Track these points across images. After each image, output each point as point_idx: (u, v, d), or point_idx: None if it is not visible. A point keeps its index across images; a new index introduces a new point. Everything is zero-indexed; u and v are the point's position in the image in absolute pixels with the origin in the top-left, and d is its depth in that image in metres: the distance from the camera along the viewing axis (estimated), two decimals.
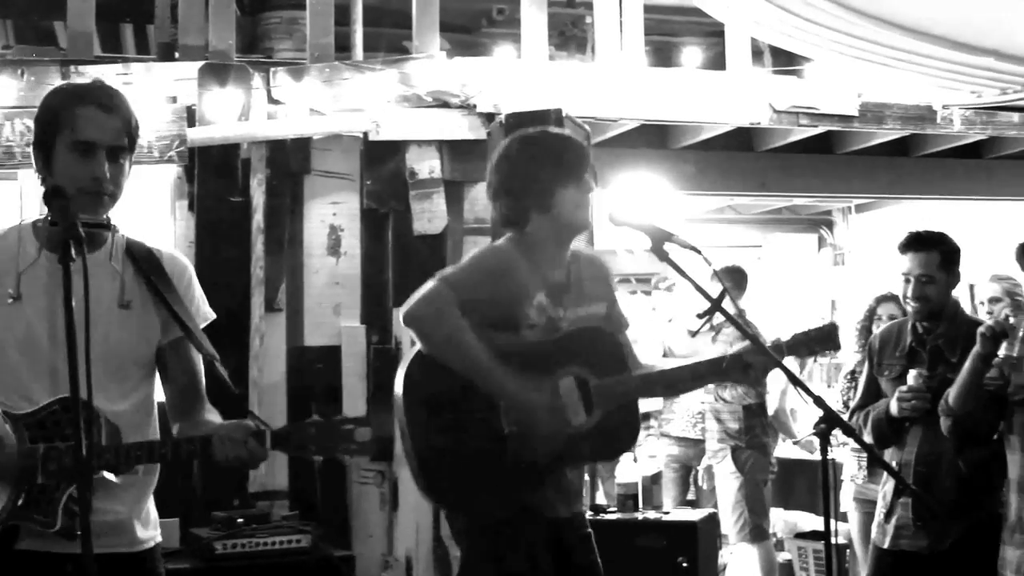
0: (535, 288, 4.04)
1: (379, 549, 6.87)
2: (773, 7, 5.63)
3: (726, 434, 7.97)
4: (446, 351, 3.92)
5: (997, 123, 8.19)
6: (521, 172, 4.11)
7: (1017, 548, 4.75)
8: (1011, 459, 4.79)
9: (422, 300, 3.94)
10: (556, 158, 4.09)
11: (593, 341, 4.10)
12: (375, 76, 6.84)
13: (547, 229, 4.10)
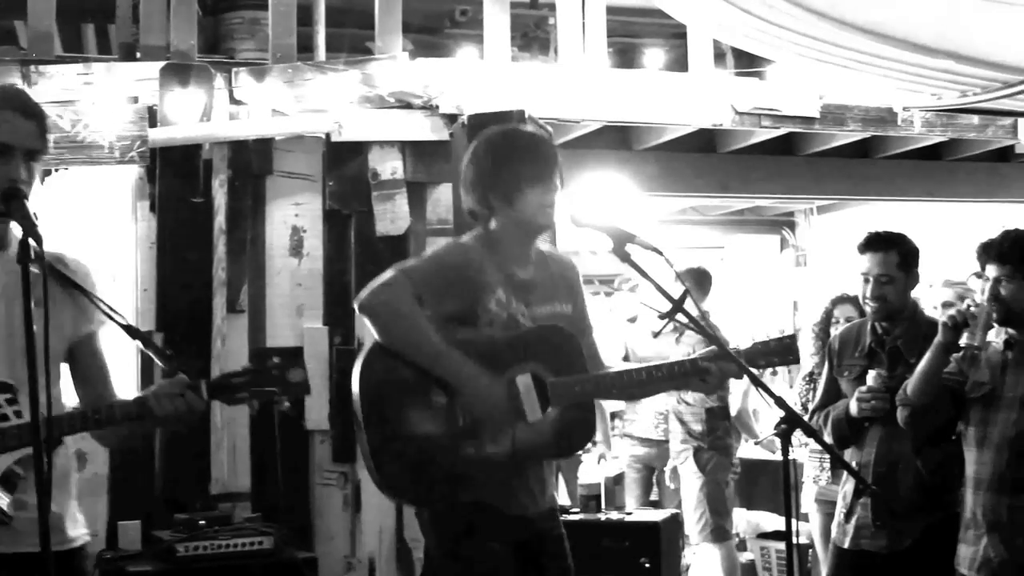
0: (496, 283, 4.03)
1: (342, 551, 6.86)
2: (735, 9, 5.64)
3: (689, 435, 7.99)
4: (400, 338, 3.90)
5: (957, 125, 8.25)
6: (491, 166, 4.10)
7: (971, 545, 4.78)
8: (967, 456, 4.83)
9: (378, 288, 3.93)
10: (526, 155, 4.08)
11: (553, 340, 4.08)
12: (338, 77, 6.83)
13: (512, 226, 4.09)
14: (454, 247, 4.20)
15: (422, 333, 3.89)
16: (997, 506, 4.65)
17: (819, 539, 7.20)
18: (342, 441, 6.78)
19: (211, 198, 6.66)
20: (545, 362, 4.01)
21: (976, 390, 4.80)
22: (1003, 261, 4.69)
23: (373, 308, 3.92)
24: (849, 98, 7.90)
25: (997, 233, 4.81)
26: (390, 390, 3.92)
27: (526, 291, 4.11)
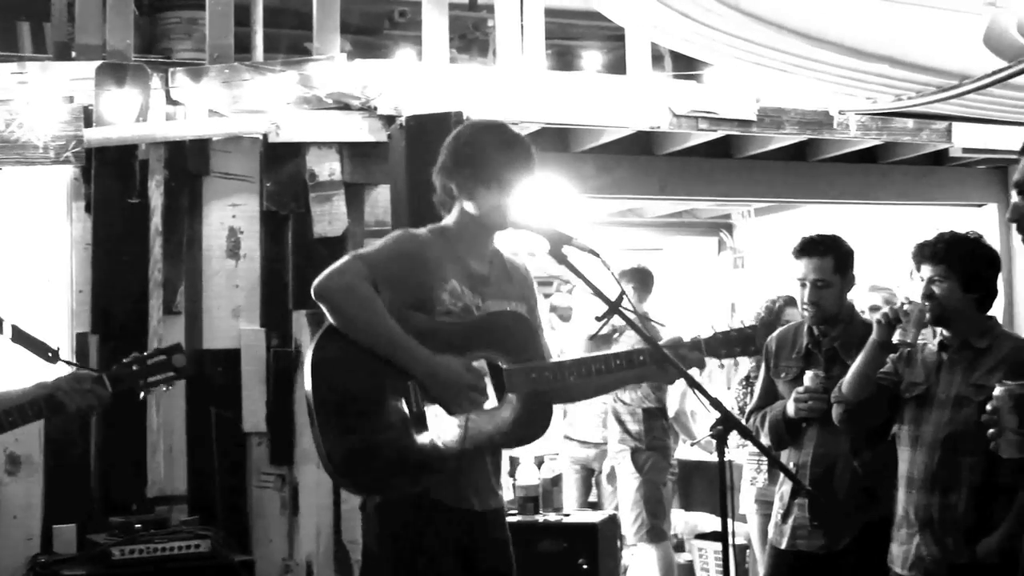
0: (451, 274, 4.02)
1: (279, 553, 6.83)
2: (673, 12, 5.66)
3: (627, 435, 8.01)
4: (357, 322, 3.88)
5: (892, 129, 8.33)
6: (462, 155, 4.11)
7: (903, 543, 4.82)
8: (900, 456, 4.87)
9: (333, 272, 3.91)
10: (499, 152, 4.08)
11: (509, 326, 4.08)
12: (275, 77, 6.81)
13: (468, 220, 4.09)
14: (409, 236, 4.15)
15: (379, 317, 3.87)
16: (928, 505, 4.70)
17: (757, 540, 7.25)
18: (279, 443, 6.75)
19: (147, 199, 6.62)
20: (501, 349, 4.01)
21: (911, 390, 4.85)
22: (937, 261, 4.74)
23: (329, 292, 3.90)
24: (786, 101, 7.95)
25: (932, 234, 4.87)
26: (343, 378, 3.90)
27: (481, 284, 4.11)
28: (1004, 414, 3.34)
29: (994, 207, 9.72)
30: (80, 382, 3.32)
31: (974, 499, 4.61)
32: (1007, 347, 4.70)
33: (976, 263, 4.79)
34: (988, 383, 4.49)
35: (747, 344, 4.26)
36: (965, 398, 4.65)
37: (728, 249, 12.95)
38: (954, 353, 4.78)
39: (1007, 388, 3.36)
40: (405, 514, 3.95)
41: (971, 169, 9.60)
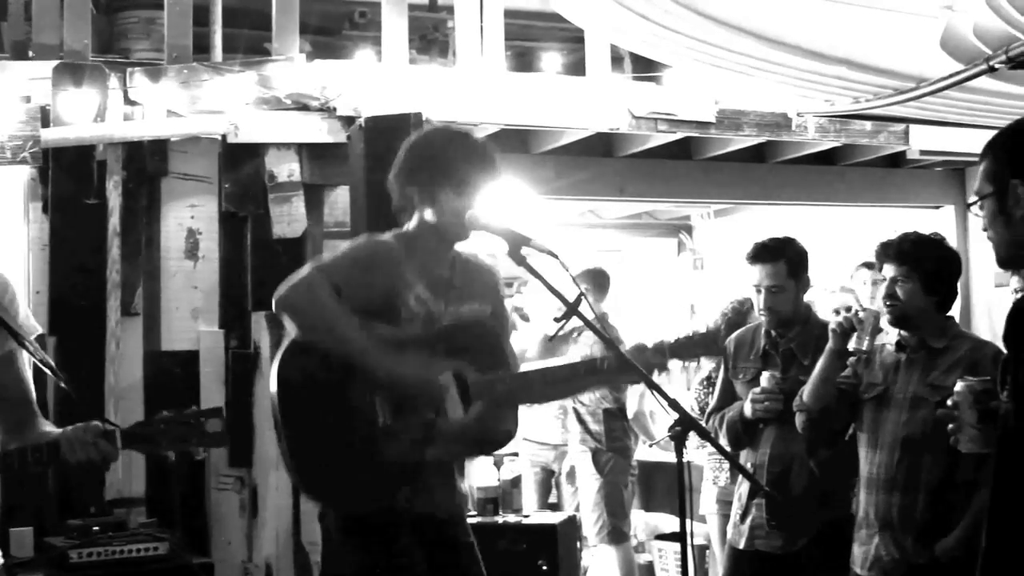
0: (414, 279, 4.01)
1: (239, 556, 6.81)
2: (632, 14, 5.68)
3: (588, 436, 8.01)
4: (322, 330, 3.85)
5: (850, 131, 8.36)
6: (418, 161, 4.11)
7: (863, 544, 4.84)
8: (861, 456, 4.89)
9: (294, 284, 3.88)
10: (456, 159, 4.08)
11: (475, 336, 4.08)
12: (234, 78, 6.78)
13: (427, 227, 4.08)
14: (371, 243, 4.13)
15: (343, 325, 3.84)
16: (888, 506, 4.72)
17: (716, 540, 7.27)
18: (238, 445, 6.73)
19: (105, 199, 6.59)
20: (467, 358, 4.00)
21: (869, 391, 4.87)
22: (901, 261, 4.77)
23: (290, 303, 3.87)
24: (744, 103, 7.97)
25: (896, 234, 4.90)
26: (309, 390, 3.88)
27: (445, 289, 4.10)
28: (964, 409, 3.36)
29: (951, 209, 9.78)
30: (86, 434, 3.24)
31: (932, 499, 4.63)
32: (964, 347, 4.72)
33: (939, 265, 4.81)
34: (945, 383, 4.52)
35: (710, 346, 4.28)
36: (922, 398, 4.67)
37: (687, 250, 12.98)
38: (912, 353, 4.80)
39: (967, 384, 3.38)
40: (372, 525, 3.94)
41: (928, 171, 9.66)
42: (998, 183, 2.96)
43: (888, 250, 4.84)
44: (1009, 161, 2.95)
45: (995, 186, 2.97)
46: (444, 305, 4.07)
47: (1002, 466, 2.86)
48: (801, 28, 5.73)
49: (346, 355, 3.86)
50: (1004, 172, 2.94)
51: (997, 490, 2.87)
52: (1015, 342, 2.81)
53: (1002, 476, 2.85)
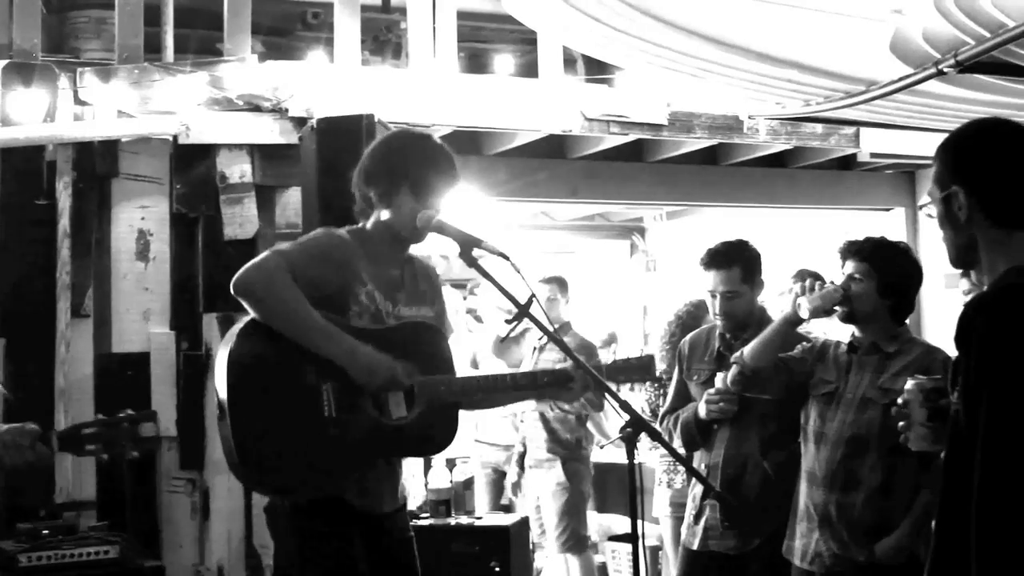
0: (368, 277, 4.02)
1: (190, 559, 6.78)
2: (584, 16, 5.69)
3: (557, 444, 7.96)
4: (279, 312, 3.84)
5: (801, 134, 8.41)
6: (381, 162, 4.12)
7: (803, 537, 4.87)
8: (804, 450, 4.91)
9: (252, 266, 3.86)
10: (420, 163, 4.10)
11: (420, 337, 4.10)
12: (185, 78, 6.76)
13: (383, 227, 4.10)
14: (329, 235, 4.12)
15: (301, 308, 3.83)
16: (828, 502, 4.75)
17: (670, 541, 7.28)
18: (190, 448, 6.70)
19: (55, 200, 6.54)
20: (412, 359, 4.01)
21: (821, 387, 4.89)
22: (861, 259, 4.79)
23: (248, 285, 3.84)
24: (696, 106, 8.01)
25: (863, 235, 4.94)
26: (259, 379, 3.86)
27: (395, 289, 4.12)
28: (914, 408, 3.38)
29: (901, 211, 9.86)
30: (22, 437, 3.21)
31: (873, 499, 4.67)
32: (915, 352, 4.75)
33: (899, 272, 4.83)
34: (894, 386, 4.55)
35: (644, 372, 4.33)
36: (870, 400, 4.70)
37: (640, 252, 13.02)
38: (864, 354, 4.83)
39: (918, 382, 3.41)
40: (316, 516, 3.95)
41: (879, 174, 9.73)
42: (943, 187, 2.98)
43: (852, 247, 4.87)
44: (951, 166, 2.97)
45: (940, 190, 2.99)
46: (392, 305, 4.09)
47: (951, 469, 2.88)
48: (752, 31, 5.75)
49: (303, 338, 3.85)
50: (946, 176, 2.97)
51: (947, 492, 2.89)
52: (965, 344, 2.83)
53: (951, 479, 2.87)
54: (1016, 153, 2.96)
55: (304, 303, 3.83)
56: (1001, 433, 2.69)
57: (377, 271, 4.07)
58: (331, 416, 3.89)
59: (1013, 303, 2.79)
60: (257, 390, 3.85)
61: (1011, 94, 6.14)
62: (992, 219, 2.93)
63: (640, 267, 13.00)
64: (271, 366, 3.87)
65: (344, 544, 3.96)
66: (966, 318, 2.83)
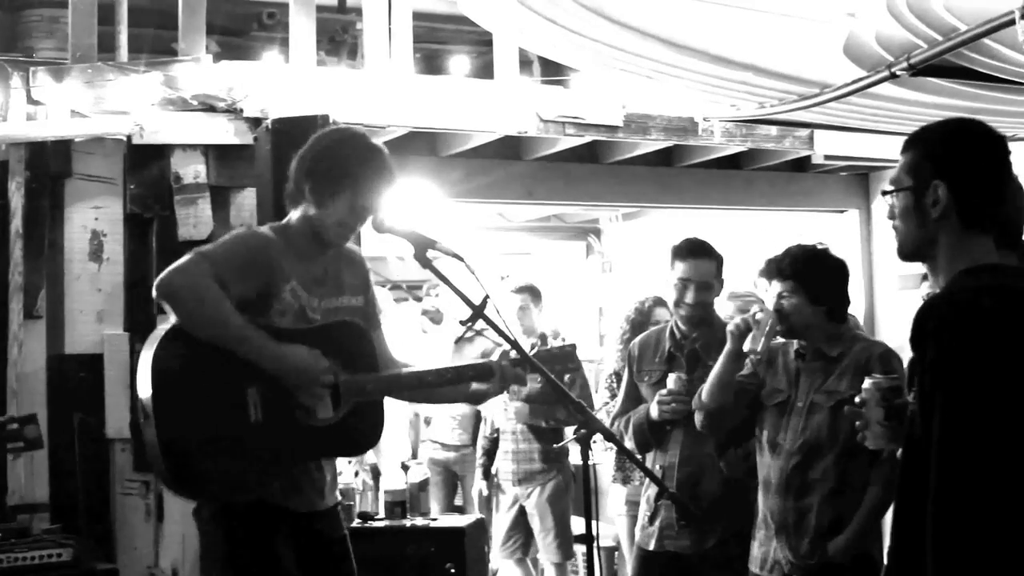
0: (291, 274, 4.01)
1: (144, 561, 6.75)
2: (540, 18, 5.69)
3: (548, 458, 7.90)
4: (202, 317, 3.81)
5: (755, 136, 8.44)
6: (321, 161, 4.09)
7: (762, 545, 4.90)
8: (759, 459, 4.95)
9: (175, 270, 3.83)
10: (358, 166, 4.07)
11: (346, 336, 4.08)
12: (139, 78, 6.72)
13: (309, 226, 4.09)
14: (252, 234, 4.17)
15: (225, 310, 3.81)
16: (784, 510, 4.78)
17: (625, 541, 7.30)
18: (144, 450, 6.66)
19: (7, 201, 6.52)
20: (338, 359, 4.00)
21: (773, 397, 4.92)
22: (784, 277, 4.84)
23: (171, 289, 3.80)
24: (651, 107, 8.02)
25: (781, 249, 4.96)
26: (185, 384, 3.84)
27: (318, 284, 4.11)
28: (871, 407, 3.40)
29: (855, 213, 9.91)
30: None
31: (827, 502, 4.70)
32: (855, 351, 4.79)
33: (822, 277, 4.87)
34: (838, 388, 4.64)
35: (566, 361, 4.33)
36: (817, 405, 4.75)
37: (596, 253, 13.03)
38: (809, 361, 4.87)
39: (874, 381, 3.43)
40: (244, 518, 3.94)
41: (833, 176, 9.77)
42: (919, 178, 2.98)
43: (772, 267, 4.92)
44: (935, 159, 2.98)
45: (915, 181, 2.99)
46: (317, 300, 4.08)
47: (907, 470, 2.90)
48: (707, 33, 5.77)
49: (227, 344, 3.83)
50: (928, 169, 2.97)
51: (903, 493, 2.91)
52: (920, 344, 2.84)
53: (907, 479, 2.88)
54: (996, 157, 2.99)
55: (228, 308, 3.82)
56: (955, 433, 2.71)
57: (301, 266, 4.07)
58: (257, 420, 3.88)
59: (967, 304, 2.81)
60: (181, 396, 3.83)
61: (963, 97, 6.18)
62: (962, 218, 2.95)
63: (596, 268, 13.01)
64: (195, 371, 3.85)
65: (271, 546, 3.96)
66: (921, 319, 2.85)
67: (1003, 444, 2.69)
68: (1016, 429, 2.70)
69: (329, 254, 4.19)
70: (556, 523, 7.89)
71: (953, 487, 2.69)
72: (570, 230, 13.19)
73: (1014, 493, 2.68)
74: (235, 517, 3.95)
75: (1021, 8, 4.72)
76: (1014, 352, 2.73)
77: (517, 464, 7.96)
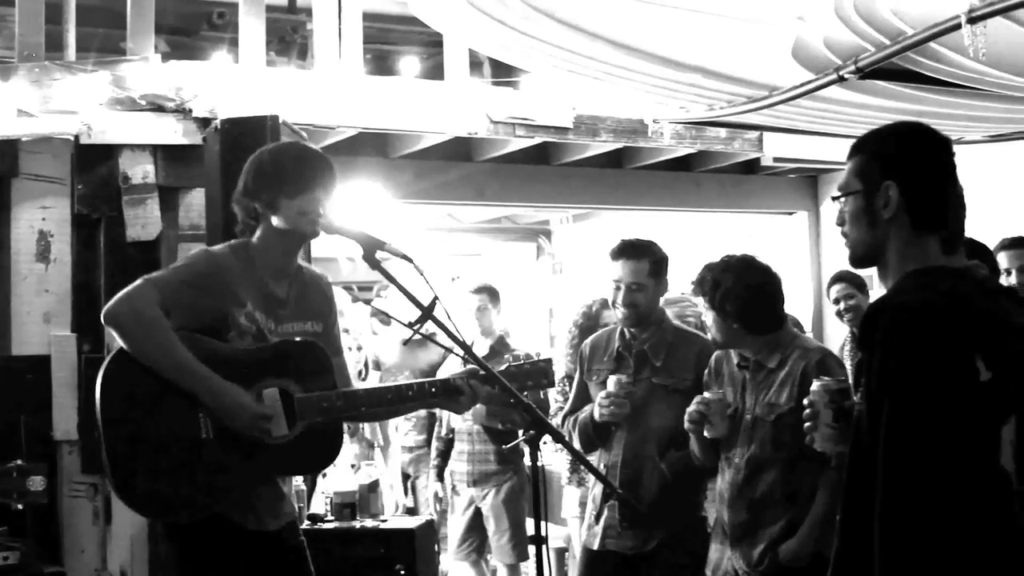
0: (247, 297, 3.99)
1: (92, 564, 6.70)
2: (490, 19, 5.69)
3: (504, 457, 7.88)
4: (146, 349, 3.83)
5: (705, 138, 8.49)
6: (257, 176, 4.08)
7: (716, 552, 4.93)
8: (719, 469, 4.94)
9: (123, 298, 3.85)
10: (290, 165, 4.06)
11: (302, 354, 4.06)
12: (87, 77, 6.68)
13: (274, 235, 4.07)
14: (205, 257, 4.11)
15: (167, 344, 3.82)
16: (737, 522, 4.80)
17: (578, 542, 7.30)
18: (91, 452, 6.62)
19: None
20: (293, 376, 3.99)
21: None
22: (703, 293, 4.87)
23: (117, 318, 3.83)
24: (601, 109, 8.05)
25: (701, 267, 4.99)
26: (134, 400, 3.84)
27: (278, 306, 4.09)
28: (820, 409, 3.42)
29: (804, 215, 9.98)
30: None
31: (780, 511, 4.72)
32: (792, 360, 4.79)
33: (732, 295, 4.80)
34: (778, 401, 4.64)
35: (540, 377, 4.32)
36: (760, 418, 4.76)
37: (546, 255, 13.06)
38: (753, 372, 4.87)
39: (823, 383, 3.45)
40: (199, 536, 3.93)
41: (782, 178, 9.84)
42: (869, 181, 3.00)
43: (695, 285, 4.95)
44: (885, 161, 3.00)
45: (865, 184, 3.01)
46: (275, 323, 4.07)
47: (854, 470, 2.91)
48: (657, 35, 5.78)
49: (168, 375, 3.84)
50: (877, 171, 2.99)
51: (849, 493, 2.93)
52: (868, 346, 2.86)
53: (854, 480, 2.90)
54: (943, 159, 3.02)
55: (171, 339, 3.83)
56: (902, 435, 2.73)
57: (260, 289, 4.05)
58: (208, 437, 3.87)
59: (915, 307, 2.83)
60: (134, 413, 3.84)
61: (910, 100, 6.23)
62: (913, 219, 2.97)
63: (546, 269, 13.04)
64: (148, 387, 3.84)
65: (228, 564, 3.95)
66: (869, 320, 2.87)
67: (948, 446, 2.71)
68: (961, 432, 2.73)
69: (295, 275, 4.17)
70: (511, 524, 7.89)
71: (900, 488, 2.71)
72: (520, 231, 13.21)
73: (960, 495, 2.70)
74: (187, 532, 3.93)
75: (967, 13, 4.76)
76: (960, 356, 2.76)
77: (473, 465, 7.95)
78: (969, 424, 2.75)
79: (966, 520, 2.70)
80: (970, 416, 2.75)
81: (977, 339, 2.79)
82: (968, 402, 2.75)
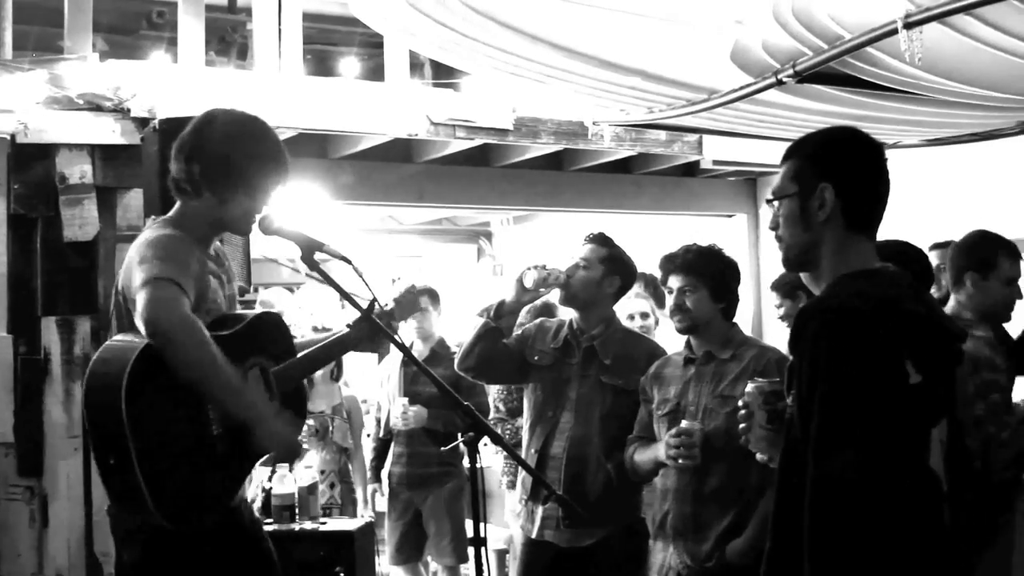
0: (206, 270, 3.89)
1: (29, 568, 6.65)
2: (430, 21, 5.69)
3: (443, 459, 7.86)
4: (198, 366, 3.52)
5: (645, 140, 8.52)
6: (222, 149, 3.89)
7: (660, 552, 4.92)
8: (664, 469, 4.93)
9: (160, 304, 3.50)
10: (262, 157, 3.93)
11: (268, 329, 4.03)
12: (24, 76, 6.63)
13: (207, 213, 3.90)
14: (179, 240, 3.82)
15: (220, 362, 3.55)
16: (682, 516, 4.79)
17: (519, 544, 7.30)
18: (27, 454, 6.57)
19: None
20: (265, 351, 3.95)
21: (662, 407, 4.94)
22: (686, 272, 4.86)
23: (171, 331, 3.49)
24: (542, 111, 8.06)
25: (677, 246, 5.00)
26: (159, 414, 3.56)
27: (221, 273, 4.03)
28: (755, 410, 3.44)
29: (743, 217, 10.03)
30: None
31: (724, 507, 4.72)
32: (749, 355, 4.82)
33: (723, 273, 4.93)
34: (733, 393, 4.61)
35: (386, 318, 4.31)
36: (712, 410, 4.75)
37: (487, 256, 13.06)
38: (700, 366, 4.89)
39: (757, 385, 3.46)
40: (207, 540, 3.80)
41: (721, 180, 9.89)
42: (804, 183, 3.03)
43: (673, 261, 4.94)
44: (819, 163, 3.02)
45: (800, 186, 3.04)
46: (229, 288, 4.04)
47: (786, 470, 2.94)
48: (597, 38, 5.80)
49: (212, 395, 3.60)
50: (812, 173, 3.02)
51: (781, 492, 2.95)
52: (798, 348, 2.89)
53: (786, 479, 2.93)
54: (875, 161, 3.06)
55: (221, 358, 3.55)
56: (831, 436, 2.75)
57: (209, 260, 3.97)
58: (220, 432, 3.68)
59: (845, 310, 2.85)
60: (160, 428, 3.56)
61: (848, 104, 6.27)
62: (848, 221, 3.00)
63: (487, 271, 13.04)
64: (166, 397, 3.57)
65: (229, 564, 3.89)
66: (800, 323, 2.90)
67: (877, 448, 2.74)
68: (890, 434, 2.76)
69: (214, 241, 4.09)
70: (452, 526, 7.88)
71: (829, 489, 2.74)
72: (461, 233, 13.21)
73: (888, 496, 2.73)
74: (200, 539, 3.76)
75: (903, 18, 4.80)
76: (889, 358, 2.79)
77: (412, 468, 7.94)
78: (898, 426, 2.78)
79: (894, 521, 2.74)
80: (899, 418, 2.79)
81: (906, 342, 2.83)
82: (897, 404, 2.78)
